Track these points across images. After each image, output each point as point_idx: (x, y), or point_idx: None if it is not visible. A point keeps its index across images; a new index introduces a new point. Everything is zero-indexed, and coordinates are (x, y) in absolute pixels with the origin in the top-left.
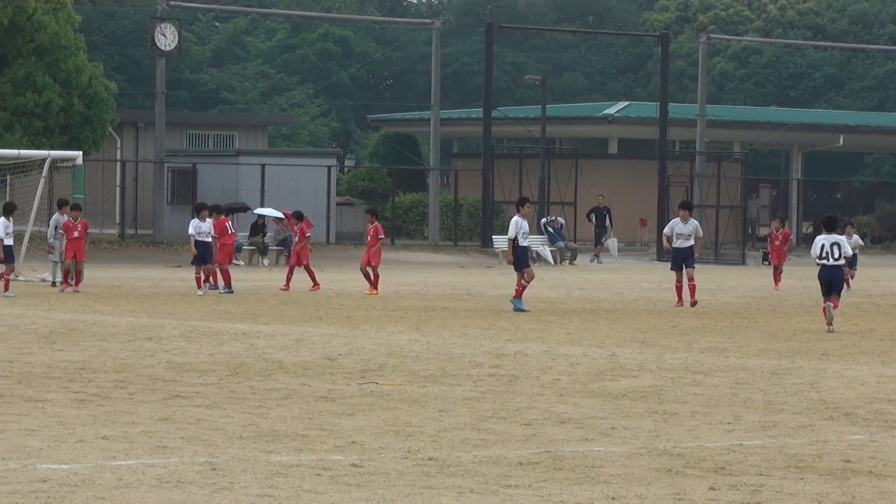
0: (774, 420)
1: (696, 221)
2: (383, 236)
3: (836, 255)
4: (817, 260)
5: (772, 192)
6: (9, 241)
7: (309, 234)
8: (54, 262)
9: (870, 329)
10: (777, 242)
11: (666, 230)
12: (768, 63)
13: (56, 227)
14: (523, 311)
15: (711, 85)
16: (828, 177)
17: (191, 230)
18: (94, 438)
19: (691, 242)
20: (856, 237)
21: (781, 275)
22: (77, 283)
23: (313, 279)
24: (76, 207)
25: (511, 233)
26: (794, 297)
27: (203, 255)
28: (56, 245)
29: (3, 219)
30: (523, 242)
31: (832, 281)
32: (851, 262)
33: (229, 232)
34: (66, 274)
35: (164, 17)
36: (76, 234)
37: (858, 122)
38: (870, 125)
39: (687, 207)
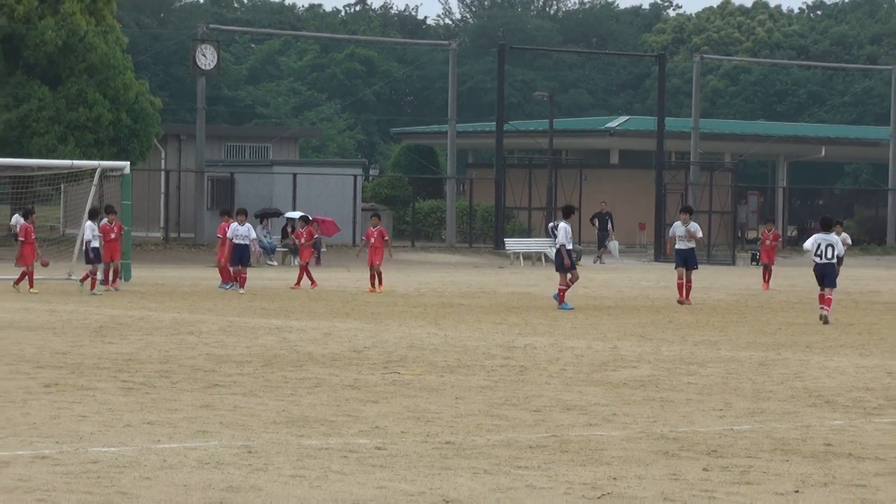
0: (762, 407)
1: (696, 224)
2: (388, 238)
3: (829, 255)
4: (813, 256)
5: (759, 198)
6: (95, 244)
7: (316, 236)
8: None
9: (849, 323)
10: (768, 242)
11: (670, 231)
12: (756, 81)
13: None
14: (570, 308)
15: (704, 101)
16: (811, 185)
17: (229, 234)
18: (140, 423)
19: (692, 244)
20: (844, 235)
21: (771, 275)
22: (115, 281)
23: (299, 278)
24: (112, 210)
25: (562, 238)
26: (780, 294)
27: (241, 257)
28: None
29: (89, 222)
30: (570, 246)
31: (825, 275)
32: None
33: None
34: (106, 274)
35: (204, 38)
36: (112, 235)
37: (839, 135)
38: (849, 137)
39: (687, 211)
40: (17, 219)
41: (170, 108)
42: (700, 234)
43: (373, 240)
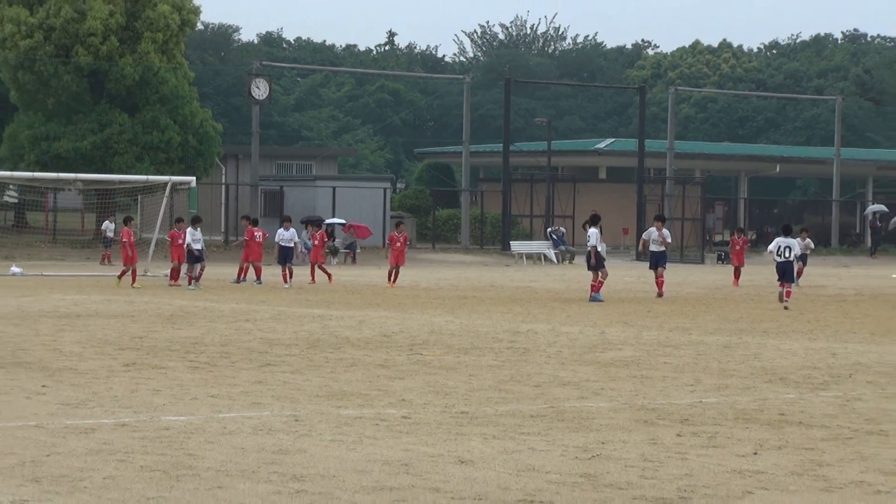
0: (726, 383)
1: (667, 230)
2: (408, 243)
3: (788, 255)
4: (774, 256)
5: (724, 208)
6: (197, 246)
7: (328, 241)
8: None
9: (800, 313)
10: (738, 247)
11: (644, 235)
12: (721, 109)
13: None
14: (600, 301)
15: (678, 126)
16: (768, 196)
17: (276, 238)
18: (204, 396)
19: (664, 247)
20: (808, 241)
21: (741, 274)
22: (177, 278)
23: (327, 274)
24: (180, 220)
25: (593, 241)
26: (741, 288)
27: (285, 257)
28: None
29: (191, 228)
30: (600, 248)
31: (785, 271)
32: (804, 259)
33: (257, 240)
34: (172, 272)
35: (258, 73)
36: (180, 241)
37: (791, 154)
38: (800, 157)
39: (660, 219)
40: (107, 224)
41: (229, 132)
42: (670, 240)
43: (398, 244)
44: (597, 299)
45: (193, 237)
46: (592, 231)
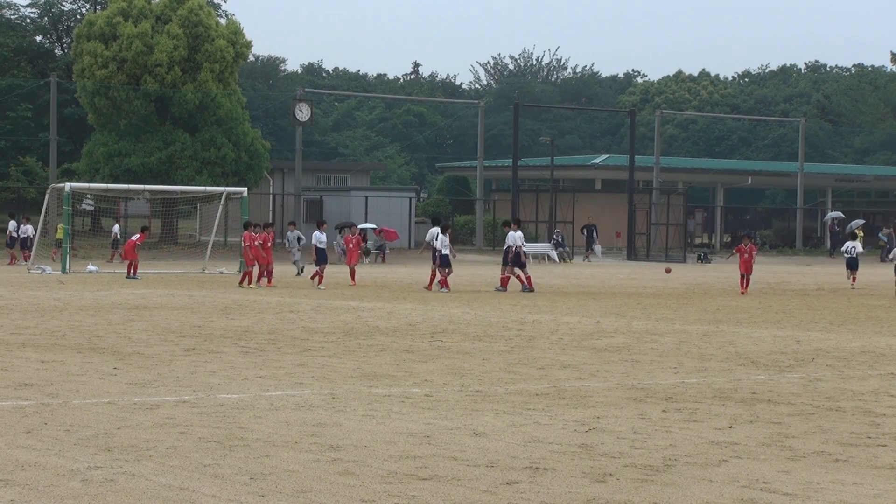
0: (705, 366)
1: (520, 232)
2: (363, 245)
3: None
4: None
5: (703, 214)
6: (321, 246)
7: (363, 244)
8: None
9: (768, 305)
10: (746, 255)
11: (511, 241)
12: (701, 129)
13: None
14: (503, 290)
15: (663, 144)
16: (741, 204)
17: (313, 240)
18: (254, 377)
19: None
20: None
21: (749, 282)
22: (258, 279)
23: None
24: (253, 224)
25: (509, 242)
26: (718, 284)
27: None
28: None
29: (316, 232)
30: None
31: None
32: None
33: (263, 243)
34: (250, 273)
35: (301, 98)
36: (258, 243)
37: (761, 168)
38: (768, 170)
39: (513, 222)
40: (116, 228)
41: (276, 149)
42: (519, 243)
43: (351, 245)
44: (500, 289)
45: (320, 239)
46: (512, 234)
